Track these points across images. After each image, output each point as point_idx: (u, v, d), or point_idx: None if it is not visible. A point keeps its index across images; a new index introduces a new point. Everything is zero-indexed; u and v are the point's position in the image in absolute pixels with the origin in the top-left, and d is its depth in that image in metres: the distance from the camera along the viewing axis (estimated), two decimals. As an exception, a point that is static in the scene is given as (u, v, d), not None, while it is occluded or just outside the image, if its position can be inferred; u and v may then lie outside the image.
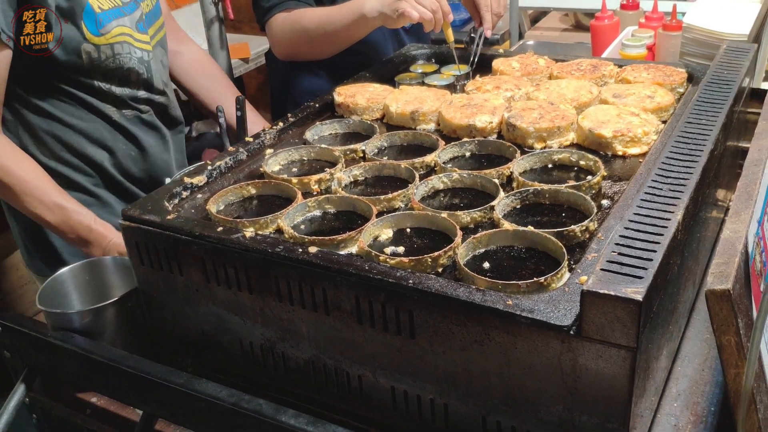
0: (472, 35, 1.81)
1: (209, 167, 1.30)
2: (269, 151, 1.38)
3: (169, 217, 1.12)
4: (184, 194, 1.24)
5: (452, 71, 1.72)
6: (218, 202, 1.20)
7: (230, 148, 1.38)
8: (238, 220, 1.12)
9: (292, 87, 2.13)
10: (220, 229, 1.08)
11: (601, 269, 0.83)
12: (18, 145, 1.56)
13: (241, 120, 1.62)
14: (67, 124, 1.60)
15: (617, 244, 0.88)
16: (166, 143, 1.79)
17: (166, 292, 1.17)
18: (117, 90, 1.62)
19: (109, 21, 1.55)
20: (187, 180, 1.25)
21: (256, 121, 1.83)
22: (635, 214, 0.94)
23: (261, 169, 1.32)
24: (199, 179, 1.27)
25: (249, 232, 1.07)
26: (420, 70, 1.75)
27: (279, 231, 1.13)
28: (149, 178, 1.72)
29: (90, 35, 1.52)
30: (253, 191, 1.25)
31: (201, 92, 1.92)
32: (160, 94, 1.73)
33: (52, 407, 1.29)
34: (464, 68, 1.72)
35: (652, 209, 0.95)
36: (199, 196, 1.25)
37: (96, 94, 1.61)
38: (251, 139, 1.41)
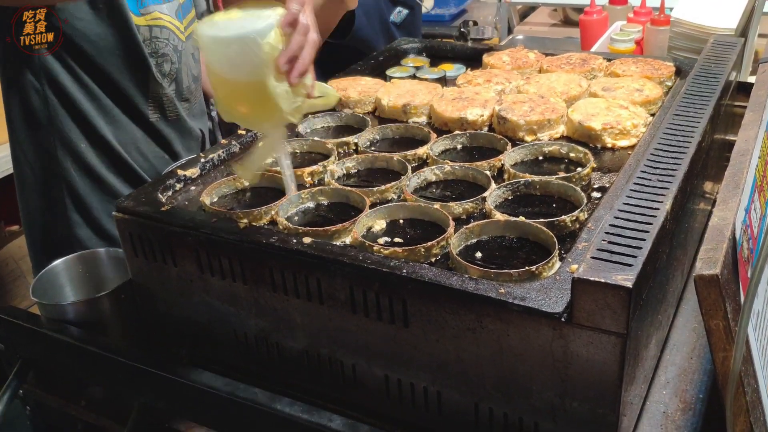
0: (462, 30, 1.82)
1: (202, 159, 1.30)
2: (262, 143, 1.39)
3: (163, 209, 1.13)
4: (178, 186, 1.24)
5: (408, 65, 1.74)
6: (212, 194, 1.21)
7: (223, 141, 1.39)
8: (233, 211, 1.13)
9: (284, 81, 2.13)
10: (214, 220, 1.09)
11: (592, 257, 0.85)
12: (48, 144, 1.56)
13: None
14: (102, 131, 1.59)
15: (607, 233, 0.90)
16: (199, 144, 1.78)
17: (160, 283, 1.17)
18: (154, 77, 1.60)
19: (151, 3, 1.55)
20: (180, 172, 1.26)
21: None
22: (625, 203, 0.96)
23: (254, 161, 1.33)
24: (193, 171, 1.27)
25: (243, 224, 1.08)
26: (411, 64, 1.76)
27: (273, 222, 1.14)
28: None
29: (133, 15, 1.51)
30: (247, 183, 1.26)
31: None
32: (189, 90, 1.71)
33: (46, 399, 1.29)
34: (420, 63, 1.73)
35: (642, 199, 0.97)
36: (193, 188, 1.26)
37: (132, 91, 1.59)
38: (243, 132, 1.42)
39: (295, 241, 1.03)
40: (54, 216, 1.64)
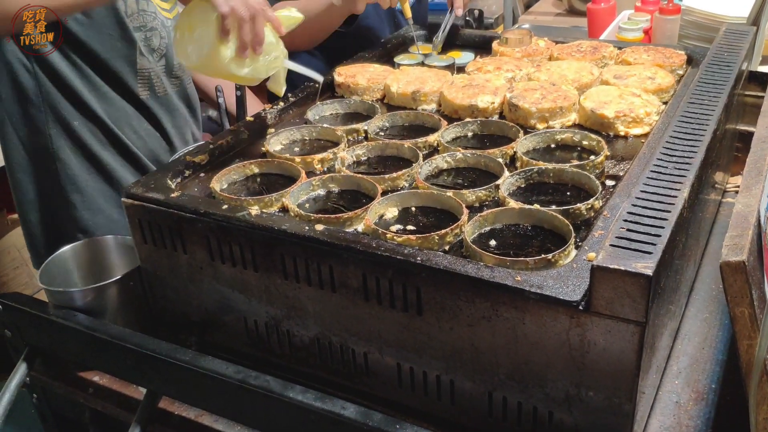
0: (467, 18, 1.81)
1: (211, 146, 1.29)
2: (271, 130, 1.38)
3: (172, 195, 1.12)
4: (187, 173, 1.23)
5: (415, 52, 1.72)
6: (222, 181, 1.20)
7: (231, 128, 1.38)
8: (243, 198, 1.12)
9: (289, 69, 2.11)
10: (225, 207, 1.08)
11: (611, 245, 0.84)
12: (40, 123, 1.55)
13: (241, 99, 1.61)
14: (94, 107, 1.58)
15: (625, 220, 0.89)
16: (186, 123, 1.78)
17: (170, 270, 1.16)
18: (141, 52, 1.60)
19: None
20: (189, 158, 1.25)
21: (252, 103, 1.82)
22: (642, 191, 0.95)
23: (263, 148, 1.32)
24: (202, 158, 1.26)
25: (254, 210, 1.07)
26: (419, 52, 1.75)
27: (284, 209, 1.13)
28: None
29: None
30: (257, 170, 1.25)
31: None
32: (180, 67, 1.72)
33: (54, 386, 1.28)
34: (428, 50, 1.72)
35: (659, 187, 0.96)
36: (202, 174, 1.25)
37: (120, 67, 1.59)
38: (252, 119, 1.41)
39: (307, 228, 1.02)
40: (49, 197, 1.63)
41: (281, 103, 1.47)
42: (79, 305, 1.19)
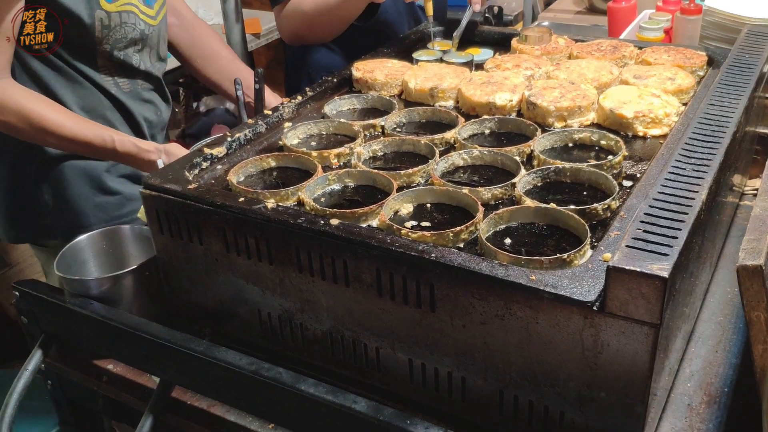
0: (486, 15, 1.80)
1: (229, 139, 1.30)
2: (288, 124, 1.38)
3: (190, 187, 1.13)
4: (204, 165, 1.24)
5: (433, 48, 1.72)
6: (238, 173, 1.20)
7: (249, 121, 1.38)
8: (260, 191, 1.13)
9: (307, 63, 2.12)
10: (241, 199, 1.09)
11: (627, 246, 0.84)
12: None
13: (260, 93, 1.61)
14: (65, 100, 1.61)
15: (642, 221, 0.88)
16: (161, 118, 1.81)
17: (185, 261, 1.17)
18: (117, 60, 1.62)
19: None
20: (207, 151, 1.25)
21: (268, 97, 1.83)
22: (660, 192, 0.94)
23: (280, 142, 1.32)
24: (219, 150, 1.27)
25: (270, 203, 1.07)
26: (437, 48, 1.75)
27: (300, 203, 1.13)
28: None
29: (104, 1, 1.53)
30: (273, 163, 1.25)
31: (204, 65, 1.93)
32: (158, 68, 1.75)
33: (68, 374, 1.30)
34: (446, 46, 1.71)
35: (677, 188, 0.95)
36: (219, 167, 1.25)
37: (97, 67, 1.62)
38: (270, 112, 1.41)
39: (322, 222, 1.02)
40: (20, 183, 1.68)
41: (299, 97, 1.47)
42: (95, 294, 1.20)
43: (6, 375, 2.21)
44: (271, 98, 1.83)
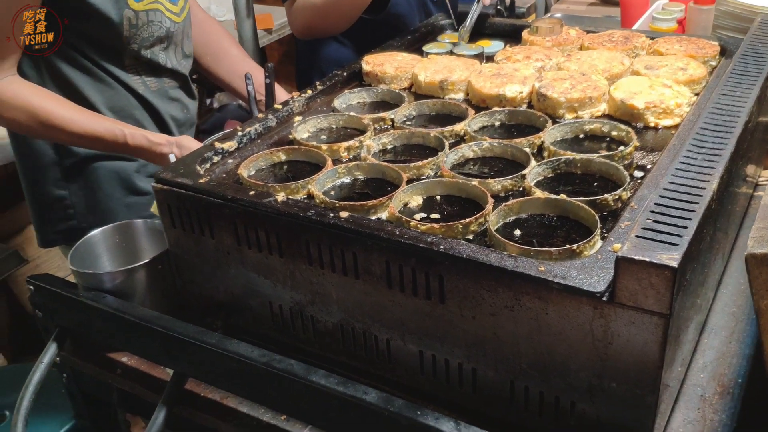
0: (498, 7, 1.79)
1: (240, 133, 1.30)
2: (298, 118, 1.39)
3: (201, 181, 1.13)
4: (215, 159, 1.25)
5: (443, 41, 1.71)
6: (249, 167, 1.21)
7: (259, 115, 1.39)
8: (270, 184, 1.13)
9: (318, 57, 2.13)
10: (252, 193, 1.09)
11: (636, 236, 0.83)
12: None
13: (270, 87, 1.62)
14: (93, 101, 1.62)
15: (652, 211, 0.88)
16: (188, 116, 1.81)
17: (197, 254, 1.18)
18: (145, 59, 1.64)
19: None
20: (218, 145, 1.26)
21: (278, 93, 1.83)
22: (670, 182, 0.94)
23: (290, 136, 1.33)
24: (230, 144, 1.27)
25: (281, 197, 1.08)
26: (447, 40, 1.74)
27: (310, 196, 1.14)
28: None
29: (131, 0, 1.54)
30: (284, 157, 1.26)
31: (214, 63, 1.94)
32: (183, 65, 1.76)
33: (82, 367, 1.31)
34: (454, 38, 1.71)
35: (687, 178, 0.95)
36: (230, 161, 1.26)
37: (124, 67, 1.62)
38: (280, 107, 1.42)
39: (331, 215, 1.03)
40: (49, 185, 1.69)
41: (309, 91, 1.47)
42: (109, 287, 1.21)
43: (22, 369, 2.24)
44: (281, 94, 1.84)
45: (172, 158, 1.43)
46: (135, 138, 1.54)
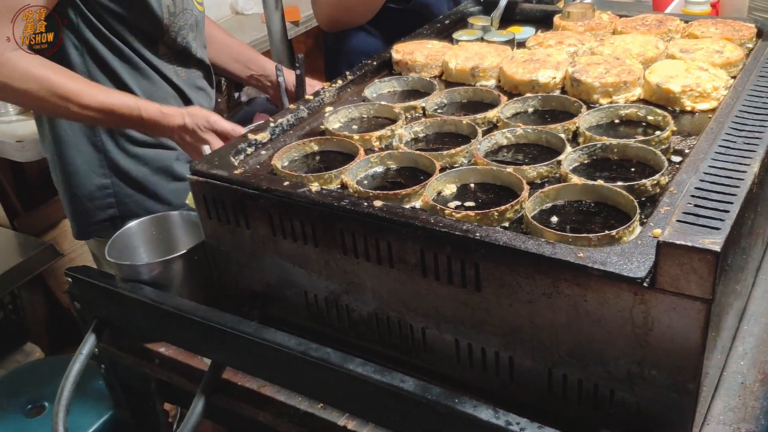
0: None
1: (272, 124, 1.31)
2: (329, 108, 1.39)
3: (236, 172, 1.14)
4: (249, 150, 1.25)
5: (476, 29, 1.69)
6: (282, 158, 1.21)
7: (291, 106, 1.39)
8: (304, 174, 1.13)
9: (346, 48, 2.12)
10: (286, 183, 1.10)
11: (677, 221, 0.82)
12: None
13: (301, 78, 1.62)
14: (133, 89, 1.64)
15: (693, 196, 0.87)
16: (212, 104, 1.84)
17: (233, 245, 1.19)
18: (180, 46, 1.66)
19: None
20: (251, 137, 1.27)
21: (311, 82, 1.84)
22: (710, 166, 0.92)
23: (322, 126, 1.33)
24: (263, 136, 1.28)
25: (315, 187, 1.08)
26: (478, 24, 1.72)
27: (343, 186, 1.14)
28: None
29: None
30: (316, 147, 1.26)
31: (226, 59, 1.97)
32: (205, 55, 1.80)
33: (121, 357, 1.33)
34: (485, 22, 1.69)
35: (728, 162, 0.93)
36: (263, 152, 1.27)
37: (159, 56, 1.64)
38: (311, 97, 1.42)
39: (366, 204, 1.03)
40: (90, 174, 1.71)
41: (339, 82, 1.47)
42: (146, 278, 1.23)
43: (59, 361, 2.28)
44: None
45: (207, 150, 1.44)
46: (149, 111, 1.54)
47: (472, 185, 1.12)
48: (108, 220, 1.76)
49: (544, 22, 1.70)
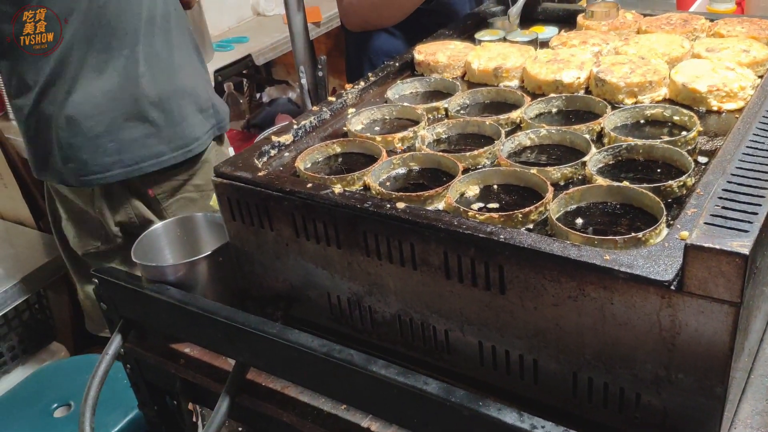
0: None
1: (295, 126, 1.31)
2: (351, 110, 1.39)
3: (259, 174, 1.15)
4: (272, 152, 1.26)
5: (497, 28, 1.68)
6: (305, 160, 1.22)
7: (314, 108, 1.40)
8: (327, 176, 1.14)
9: (368, 49, 2.12)
10: (309, 185, 1.10)
11: (705, 223, 0.81)
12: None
13: (323, 80, 1.63)
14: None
15: (720, 197, 0.86)
16: None
17: (257, 246, 1.19)
18: None
19: None
20: (274, 139, 1.27)
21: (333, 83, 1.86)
22: (738, 168, 0.91)
23: (344, 128, 1.33)
24: (286, 138, 1.28)
25: (337, 189, 1.08)
26: (500, 26, 1.71)
27: (366, 187, 1.14)
28: None
29: None
30: (338, 149, 1.26)
31: None
32: None
33: (146, 357, 1.34)
34: (506, 24, 1.68)
35: (756, 163, 0.92)
36: (286, 154, 1.27)
37: None
38: (333, 99, 1.42)
39: (388, 206, 1.02)
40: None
41: (361, 83, 1.47)
42: (171, 280, 1.24)
43: (84, 360, 2.31)
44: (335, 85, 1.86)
45: (232, 152, 1.45)
46: None
47: (496, 187, 1.11)
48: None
49: (567, 21, 1.69)
